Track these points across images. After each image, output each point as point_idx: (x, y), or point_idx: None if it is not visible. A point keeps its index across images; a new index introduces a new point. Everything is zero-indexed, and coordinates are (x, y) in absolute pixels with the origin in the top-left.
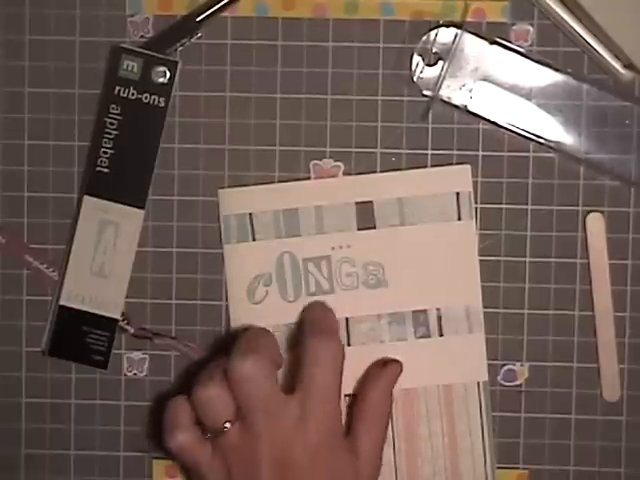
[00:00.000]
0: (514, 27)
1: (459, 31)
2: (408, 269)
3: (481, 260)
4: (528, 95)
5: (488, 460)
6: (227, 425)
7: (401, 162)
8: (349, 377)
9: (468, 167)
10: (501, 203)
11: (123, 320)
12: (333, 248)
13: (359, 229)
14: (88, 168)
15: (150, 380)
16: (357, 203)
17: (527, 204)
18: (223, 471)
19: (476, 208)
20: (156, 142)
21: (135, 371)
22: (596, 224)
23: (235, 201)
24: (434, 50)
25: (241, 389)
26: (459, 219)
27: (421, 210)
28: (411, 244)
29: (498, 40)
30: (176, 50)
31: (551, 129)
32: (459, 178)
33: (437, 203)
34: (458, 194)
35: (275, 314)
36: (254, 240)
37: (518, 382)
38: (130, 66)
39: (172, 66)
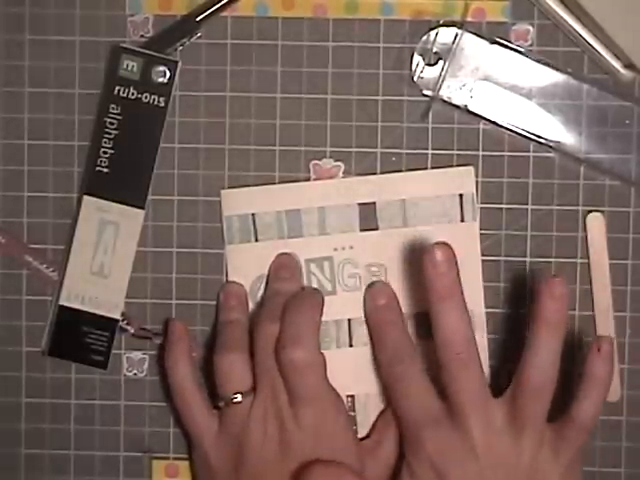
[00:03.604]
0: (514, 27)
1: (459, 31)
2: (410, 271)
3: (481, 260)
4: (528, 95)
5: None
6: (237, 397)
7: (401, 162)
8: (351, 378)
9: (471, 169)
10: (501, 203)
11: (123, 320)
12: (335, 249)
13: (362, 230)
14: (88, 168)
15: (150, 380)
16: (360, 204)
17: (527, 204)
18: (227, 449)
19: None
20: (156, 142)
21: (135, 371)
22: (596, 224)
23: (237, 202)
24: (434, 50)
25: (261, 357)
26: (462, 221)
27: (424, 211)
28: (414, 246)
29: (498, 40)
30: (176, 50)
31: (551, 129)
32: (462, 179)
33: (440, 204)
34: (461, 195)
35: None
36: (256, 241)
37: None
38: (130, 66)
39: (172, 66)
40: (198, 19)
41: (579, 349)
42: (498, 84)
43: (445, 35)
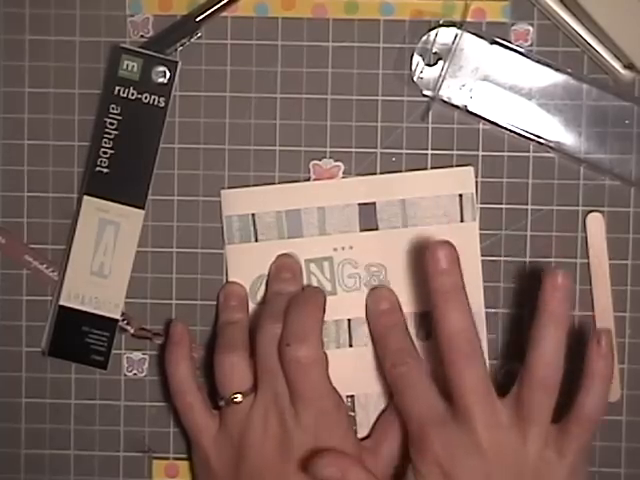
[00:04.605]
0: (514, 27)
1: (459, 31)
2: (410, 271)
3: (481, 260)
4: (528, 95)
5: None
6: (238, 397)
7: (401, 162)
8: (350, 378)
9: (471, 169)
10: (501, 203)
11: (123, 320)
12: (335, 249)
13: (361, 230)
14: (88, 168)
15: (150, 380)
16: (360, 204)
17: (527, 204)
18: (227, 449)
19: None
20: (156, 142)
21: (135, 371)
22: (596, 224)
23: (238, 201)
24: (434, 50)
25: (263, 357)
26: (462, 221)
27: (424, 212)
28: (413, 246)
29: (498, 40)
30: (176, 50)
31: (551, 129)
32: (462, 180)
33: (440, 205)
34: (461, 196)
35: None
36: (256, 241)
37: None
38: (130, 66)
39: (172, 66)
40: (198, 19)
41: (578, 349)
42: (498, 84)
43: (445, 35)
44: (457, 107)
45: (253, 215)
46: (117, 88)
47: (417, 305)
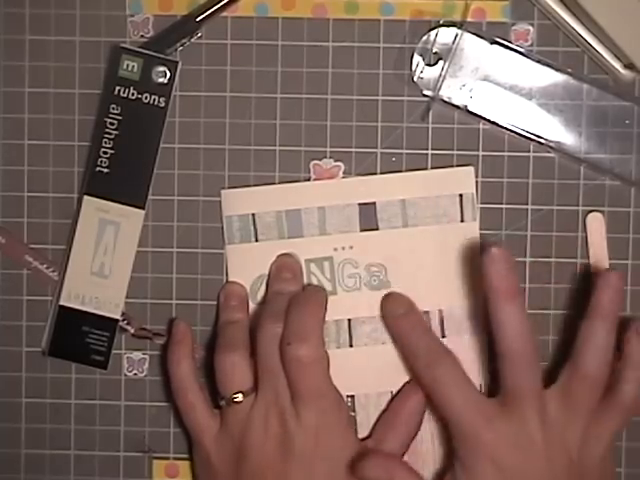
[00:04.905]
0: (514, 27)
1: (459, 31)
2: (410, 271)
3: None
4: (528, 95)
5: None
6: (238, 396)
7: (401, 162)
8: (350, 378)
9: (471, 169)
10: (501, 203)
11: (123, 320)
12: (336, 249)
13: (362, 230)
14: (88, 168)
15: (150, 380)
16: (360, 204)
17: (527, 204)
18: (228, 448)
19: None
20: (156, 142)
21: (135, 371)
22: (596, 224)
23: (238, 201)
24: (434, 50)
25: (264, 357)
26: (462, 221)
27: (424, 212)
28: (414, 246)
29: (498, 40)
30: (176, 50)
31: (551, 129)
32: (462, 180)
33: (440, 205)
34: (461, 196)
35: None
36: (257, 241)
37: None
38: (130, 66)
39: (172, 66)
40: (198, 19)
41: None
42: (498, 84)
43: (445, 35)
44: (457, 107)
45: (253, 215)
46: (117, 88)
47: (418, 304)
